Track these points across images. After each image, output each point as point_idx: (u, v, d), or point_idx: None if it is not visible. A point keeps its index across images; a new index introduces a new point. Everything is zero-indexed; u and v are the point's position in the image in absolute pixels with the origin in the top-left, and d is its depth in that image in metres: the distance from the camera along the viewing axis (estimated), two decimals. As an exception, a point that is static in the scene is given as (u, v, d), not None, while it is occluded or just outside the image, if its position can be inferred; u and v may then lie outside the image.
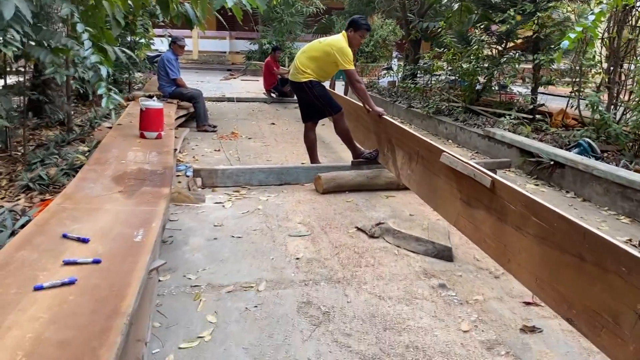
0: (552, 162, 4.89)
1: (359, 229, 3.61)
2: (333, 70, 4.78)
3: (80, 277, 1.79)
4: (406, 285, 2.86)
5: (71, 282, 1.74)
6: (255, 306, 2.56)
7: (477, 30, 7.48)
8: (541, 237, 2.27)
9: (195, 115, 7.15)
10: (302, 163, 5.53)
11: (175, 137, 5.73)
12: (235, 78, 16.50)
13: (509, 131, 5.97)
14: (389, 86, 11.64)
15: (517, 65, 7.06)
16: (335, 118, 4.76)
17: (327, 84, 5.70)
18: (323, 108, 4.74)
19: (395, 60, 15.57)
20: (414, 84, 9.39)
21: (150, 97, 6.78)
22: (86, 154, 4.31)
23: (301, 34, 18.60)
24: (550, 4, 6.29)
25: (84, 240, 2.09)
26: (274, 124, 8.05)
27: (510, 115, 6.20)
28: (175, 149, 4.99)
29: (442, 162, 3.24)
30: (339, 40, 4.61)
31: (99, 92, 3.69)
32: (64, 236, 2.13)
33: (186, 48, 7.50)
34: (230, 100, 10.51)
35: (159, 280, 2.73)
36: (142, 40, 8.71)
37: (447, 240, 3.28)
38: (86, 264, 1.91)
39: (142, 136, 4.33)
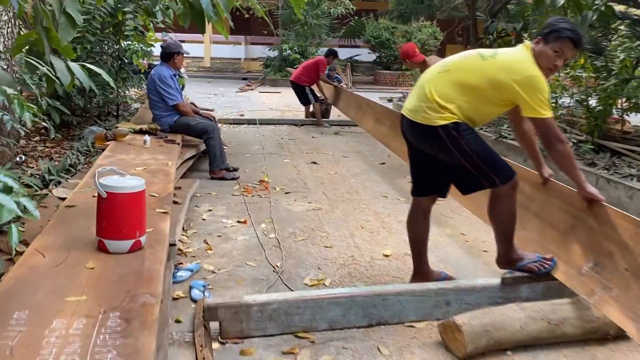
0: None
1: None
2: (498, 111, 2.58)
3: None
4: None
5: None
6: None
7: (617, 32, 5.22)
8: None
9: (209, 157, 4.93)
10: (386, 256, 3.30)
11: (177, 202, 3.55)
12: (252, 89, 14.36)
13: None
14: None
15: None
16: (502, 193, 2.47)
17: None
18: (477, 173, 2.46)
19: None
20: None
21: (143, 132, 4.62)
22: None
23: (327, 39, 16.42)
24: None
25: None
26: (315, 162, 5.82)
27: None
28: (173, 245, 2.79)
29: None
30: (524, 61, 2.38)
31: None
32: None
33: (196, 54, 5.29)
34: (251, 122, 8.32)
35: None
36: (138, 46, 6.53)
37: None
38: None
39: (102, 247, 2.12)
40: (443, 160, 2.53)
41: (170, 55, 4.90)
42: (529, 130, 2.69)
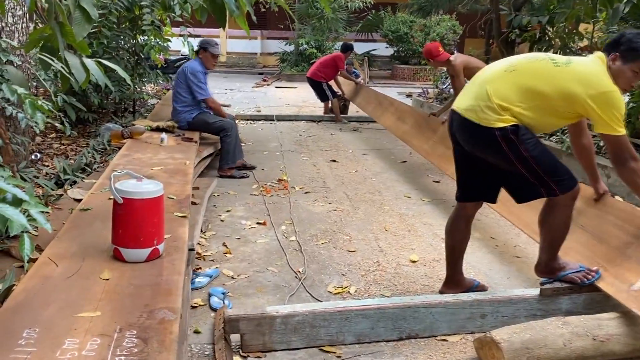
0: None
1: None
2: (560, 123, 2.40)
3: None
4: None
5: None
6: None
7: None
8: None
9: (221, 154, 4.80)
10: (413, 262, 3.15)
11: (195, 203, 3.45)
12: (269, 84, 14.23)
13: None
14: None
15: None
16: (560, 202, 2.28)
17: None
18: (535, 181, 2.26)
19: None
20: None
21: (159, 130, 4.51)
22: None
23: (344, 33, 16.19)
24: None
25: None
26: (334, 160, 5.68)
27: None
28: (192, 250, 2.66)
29: None
30: (601, 76, 2.17)
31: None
32: None
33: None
34: (268, 118, 8.19)
35: None
36: (155, 41, 6.42)
37: None
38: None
39: (118, 256, 2.01)
40: (495, 165, 2.36)
41: (205, 50, 4.80)
42: (588, 144, 2.48)
